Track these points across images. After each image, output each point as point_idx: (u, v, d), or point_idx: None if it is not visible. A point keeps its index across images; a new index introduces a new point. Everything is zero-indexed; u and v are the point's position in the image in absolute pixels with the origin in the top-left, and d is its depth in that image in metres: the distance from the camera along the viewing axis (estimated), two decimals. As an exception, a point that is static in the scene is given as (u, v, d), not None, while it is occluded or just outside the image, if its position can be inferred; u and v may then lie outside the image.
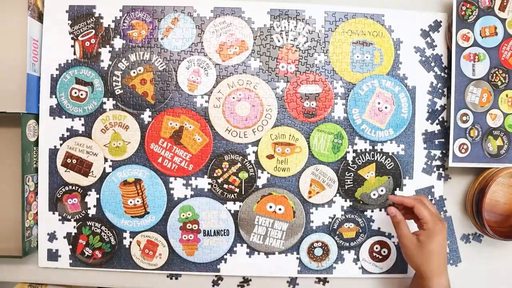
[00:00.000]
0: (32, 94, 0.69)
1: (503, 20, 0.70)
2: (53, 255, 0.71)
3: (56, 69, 0.71)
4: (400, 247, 0.65)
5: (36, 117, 0.70)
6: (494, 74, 0.70)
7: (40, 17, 0.70)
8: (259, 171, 0.71)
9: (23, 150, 0.66)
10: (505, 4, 0.69)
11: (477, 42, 0.69)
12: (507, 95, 0.71)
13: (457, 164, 0.70)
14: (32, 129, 0.69)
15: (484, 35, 0.69)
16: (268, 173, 0.71)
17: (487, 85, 0.70)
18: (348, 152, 0.71)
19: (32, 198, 0.69)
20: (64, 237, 0.71)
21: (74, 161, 0.71)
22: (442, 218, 0.63)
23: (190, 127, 0.71)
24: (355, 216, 0.72)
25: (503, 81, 0.70)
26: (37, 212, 0.71)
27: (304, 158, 0.71)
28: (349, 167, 0.72)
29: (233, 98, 0.71)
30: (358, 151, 0.72)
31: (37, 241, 0.71)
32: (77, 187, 0.71)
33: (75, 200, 0.71)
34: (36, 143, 0.70)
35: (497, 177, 0.67)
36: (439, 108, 0.73)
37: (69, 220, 0.71)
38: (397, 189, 0.72)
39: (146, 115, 0.71)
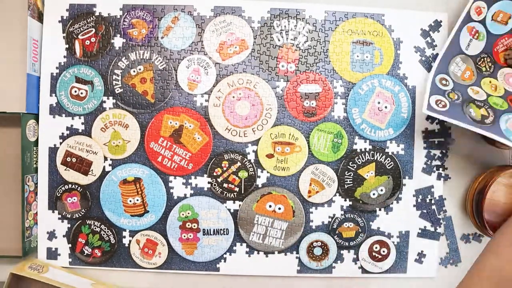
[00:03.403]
0: (32, 94, 0.69)
1: None
2: (52, 254, 0.71)
3: (56, 68, 0.71)
4: None
5: (36, 117, 0.70)
6: (483, 59, 0.69)
7: (40, 17, 0.70)
8: (259, 170, 0.71)
9: (23, 150, 0.66)
10: None
11: (485, 21, 0.68)
12: (490, 82, 0.69)
13: (432, 113, 0.62)
14: (32, 129, 0.69)
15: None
16: (267, 172, 0.71)
17: (472, 65, 0.69)
18: (348, 151, 0.71)
19: (32, 198, 0.69)
20: (64, 236, 0.71)
21: (74, 159, 0.71)
22: None
23: (190, 126, 0.71)
24: (355, 215, 0.72)
25: (488, 69, 0.69)
26: (37, 212, 0.71)
27: (304, 158, 0.71)
28: (348, 167, 0.71)
29: (233, 97, 0.71)
30: (358, 150, 0.71)
31: (37, 241, 0.71)
32: (76, 186, 0.71)
33: (74, 199, 0.71)
34: (36, 143, 0.70)
35: (497, 177, 0.67)
36: (439, 108, 0.72)
37: (68, 218, 0.71)
38: (397, 189, 0.72)
39: (146, 114, 0.71)
